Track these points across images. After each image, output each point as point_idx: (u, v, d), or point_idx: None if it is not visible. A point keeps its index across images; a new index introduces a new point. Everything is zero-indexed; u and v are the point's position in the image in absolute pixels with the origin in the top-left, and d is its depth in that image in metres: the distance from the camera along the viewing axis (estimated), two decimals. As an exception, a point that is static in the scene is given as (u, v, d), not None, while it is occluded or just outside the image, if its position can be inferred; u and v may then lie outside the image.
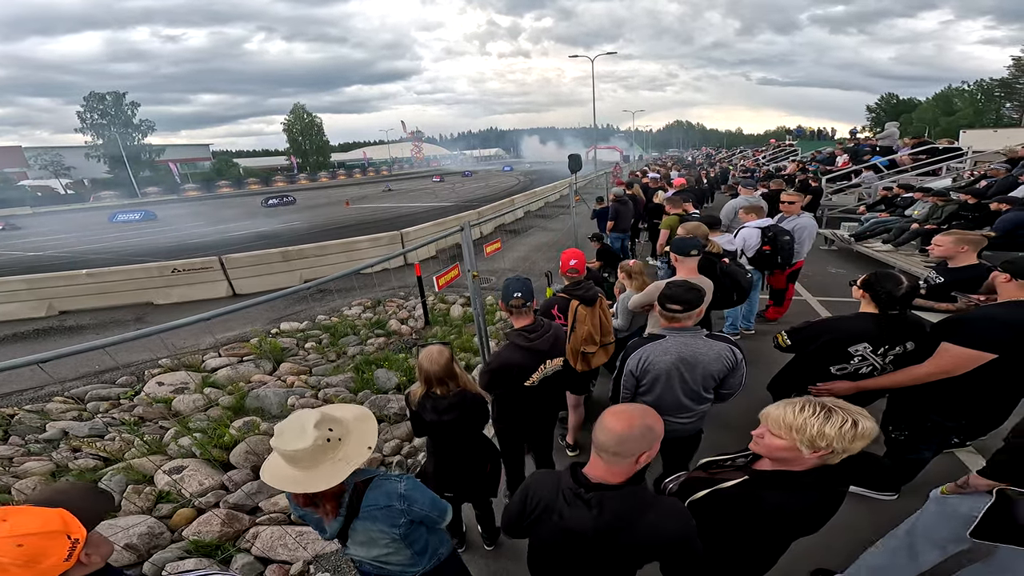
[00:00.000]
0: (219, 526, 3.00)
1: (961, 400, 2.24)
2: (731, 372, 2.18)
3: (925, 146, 12.10)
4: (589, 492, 1.30)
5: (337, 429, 1.37)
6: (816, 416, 1.28)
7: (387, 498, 1.46)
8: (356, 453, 1.37)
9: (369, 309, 7.75)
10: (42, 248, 18.73)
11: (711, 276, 3.31)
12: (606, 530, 1.28)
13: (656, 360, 2.16)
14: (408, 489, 1.50)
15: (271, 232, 17.83)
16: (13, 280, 8.98)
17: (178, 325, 1.95)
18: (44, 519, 0.94)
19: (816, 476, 1.34)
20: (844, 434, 1.25)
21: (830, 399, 1.34)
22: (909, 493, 2.71)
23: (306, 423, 1.33)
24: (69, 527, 0.95)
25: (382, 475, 1.52)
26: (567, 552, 1.37)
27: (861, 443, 1.27)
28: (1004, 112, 48.58)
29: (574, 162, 12.83)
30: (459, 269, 3.93)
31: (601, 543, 1.30)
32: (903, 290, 2.17)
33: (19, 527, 0.90)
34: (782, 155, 21.96)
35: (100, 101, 52.93)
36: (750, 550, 1.50)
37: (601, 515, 1.27)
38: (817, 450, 1.28)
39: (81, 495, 1.05)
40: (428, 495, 1.58)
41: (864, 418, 1.28)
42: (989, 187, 7.43)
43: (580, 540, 1.31)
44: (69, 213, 39.50)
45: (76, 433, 4.32)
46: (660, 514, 1.31)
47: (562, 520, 1.33)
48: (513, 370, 2.34)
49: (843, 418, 1.25)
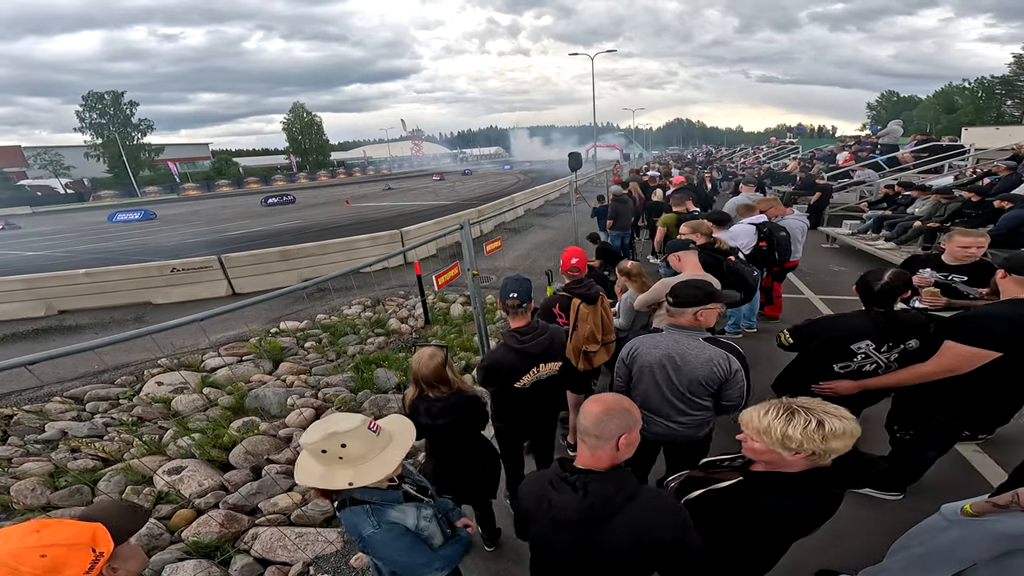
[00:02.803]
0: (218, 527, 2.98)
1: (966, 399, 2.21)
2: (726, 383, 2.03)
3: (930, 143, 12.06)
4: (574, 475, 1.31)
5: (353, 448, 1.36)
6: (779, 419, 1.29)
7: (352, 527, 1.44)
8: (338, 479, 1.36)
9: (369, 308, 7.73)
10: (41, 248, 18.71)
11: (718, 274, 3.28)
12: (592, 515, 1.27)
13: (644, 352, 2.15)
14: (373, 537, 1.41)
15: (270, 231, 17.81)
16: (11, 280, 8.96)
17: (174, 325, 1.92)
18: (75, 531, 0.96)
19: (808, 478, 1.32)
20: (810, 435, 1.24)
21: (800, 399, 1.34)
22: (915, 493, 2.69)
23: (333, 426, 1.36)
24: (96, 540, 0.97)
25: (375, 508, 1.44)
26: (558, 547, 1.35)
27: (838, 442, 1.25)
28: (1005, 109, 48.47)
29: (574, 160, 12.78)
30: (459, 268, 3.91)
31: (589, 530, 1.28)
32: (878, 286, 2.17)
33: (48, 538, 0.93)
34: (783, 153, 21.95)
35: (99, 100, 52.99)
36: (746, 551, 1.48)
37: (586, 496, 1.26)
38: (794, 452, 1.28)
39: (115, 510, 1.07)
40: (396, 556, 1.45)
41: (833, 417, 1.26)
42: (992, 184, 7.40)
43: (568, 528, 1.30)
44: (68, 212, 39.49)
45: (75, 433, 4.30)
46: (648, 502, 1.30)
47: (551, 508, 1.32)
48: (503, 370, 2.30)
49: (806, 419, 1.26)
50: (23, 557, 0.89)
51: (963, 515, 1.77)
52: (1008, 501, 1.65)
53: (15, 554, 0.89)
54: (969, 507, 1.75)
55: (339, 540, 2.87)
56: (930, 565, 1.90)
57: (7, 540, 0.91)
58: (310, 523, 3.08)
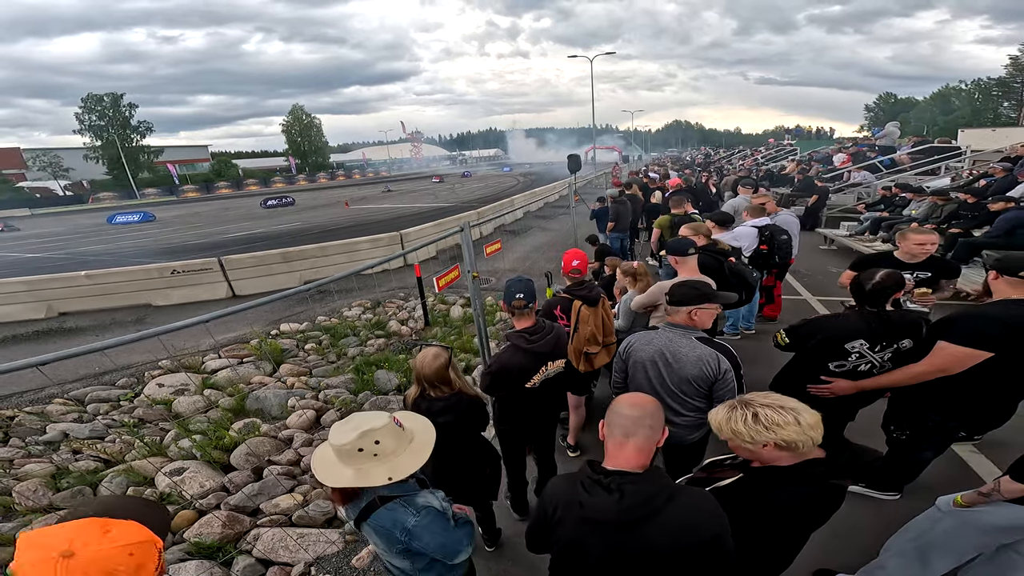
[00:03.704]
0: (220, 528, 2.99)
1: (962, 399, 2.23)
2: (716, 383, 2.04)
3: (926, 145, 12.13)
4: (608, 477, 1.27)
5: (385, 444, 1.39)
6: (724, 416, 1.40)
7: (391, 525, 1.44)
8: (376, 476, 1.38)
9: (369, 310, 7.75)
10: (40, 250, 18.70)
11: (719, 275, 3.29)
12: (631, 516, 1.22)
13: (638, 348, 2.20)
14: (417, 525, 1.44)
15: (270, 233, 17.82)
16: (12, 282, 8.97)
17: (182, 326, 1.94)
18: (138, 528, 0.95)
19: (801, 470, 1.36)
20: (752, 427, 1.33)
21: (750, 395, 1.43)
22: (912, 493, 2.71)
23: (363, 424, 1.39)
24: (154, 537, 0.97)
25: (404, 500, 1.48)
26: (591, 549, 1.30)
27: (786, 432, 1.30)
28: (1002, 111, 48.68)
29: (573, 162, 12.83)
30: (459, 270, 3.93)
31: (626, 532, 1.24)
32: (870, 286, 2.22)
33: (124, 536, 0.92)
34: (781, 155, 22.02)
35: (98, 102, 52.99)
36: (754, 548, 1.50)
37: (623, 499, 1.22)
38: (762, 445, 1.34)
39: (146, 508, 1.06)
40: (438, 538, 1.48)
41: (768, 408, 1.33)
42: (988, 186, 7.44)
43: (604, 530, 1.26)
44: (67, 214, 39.45)
45: (76, 435, 4.32)
46: (690, 502, 1.25)
47: (583, 510, 1.27)
48: (513, 372, 2.32)
49: (742, 412, 1.35)
50: (116, 558, 0.88)
51: (955, 507, 1.85)
52: (991, 489, 1.73)
53: (107, 556, 0.88)
54: (960, 498, 1.84)
55: (340, 540, 2.89)
56: (927, 558, 1.93)
57: (87, 542, 0.88)
58: (312, 524, 3.10)
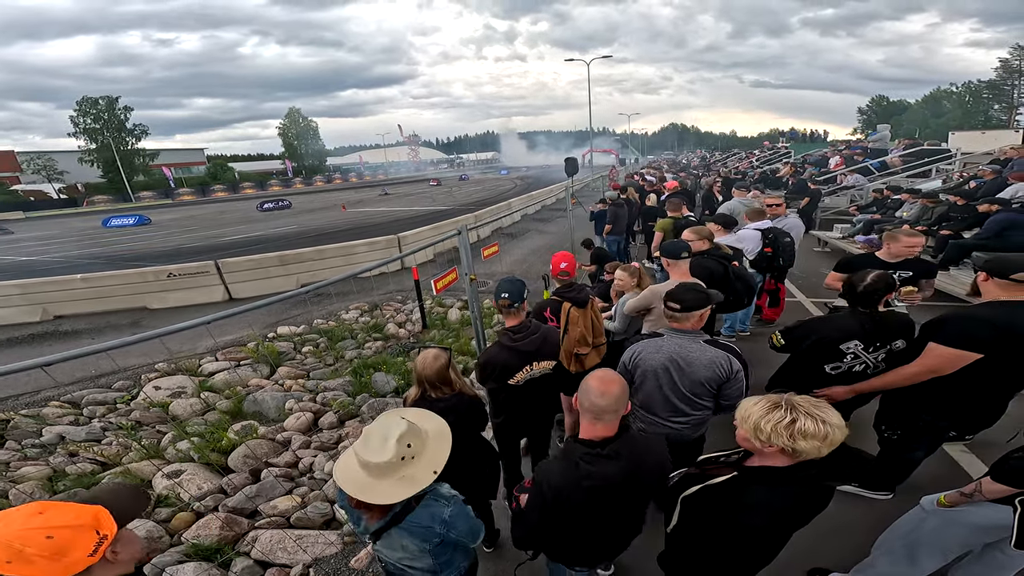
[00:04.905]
0: (218, 530, 3.00)
1: (952, 400, 2.26)
2: (727, 382, 2.11)
3: (917, 147, 12.26)
4: (603, 448, 1.50)
5: (416, 444, 1.42)
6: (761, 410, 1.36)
7: (430, 520, 1.48)
8: (423, 475, 1.40)
9: (367, 313, 7.76)
10: (34, 253, 18.58)
11: (724, 279, 3.29)
12: (629, 473, 1.51)
13: (647, 357, 2.20)
14: (452, 515, 1.52)
15: (266, 236, 17.78)
16: (7, 285, 8.92)
17: (184, 327, 1.96)
18: (78, 513, 0.95)
19: (798, 471, 1.37)
20: (779, 431, 1.29)
21: (800, 398, 1.36)
22: (903, 492, 2.74)
23: (391, 433, 1.38)
24: (100, 522, 0.96)
25: (434, 494, 1.53)
26: (596, 506, 1.54)
27: (805, 443, 1.27)
28: (993, 113, 49.27)
29: (570, 166, 12.88)
30: (457, 272, 3.95)
31: (626, 486, 1.52)
32: (862, 287, 2.26)
33: (52, 520, 0.91)
34: (776, 157, 22.17)
35: (93, 106, 52.75)
36: (742, 544, 1.53)
37: (621, 461, 1.49)
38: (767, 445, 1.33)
39: (118, 493, 1.06)
40: (468, 523, 1.58)
41: (809, 418, 1.28)
42: (978, 188, 7.54)
43: (610, 490, 1.51)
44: (62, 218, 39.21)
45: (73, 438, 4.31)
46: (656, 449, 1.64)
47: (591, 480, 1.48)
48: (497, 367, 2.39)
49: (781, 415, 1.30)
50: (29, 539, 0.87)
51: (938, 506, 1.87)
52: (972, 490, 1.75)
53: (20, 536, 0.87)
54: (943, 498, 1.87)
55: (339, 542, 2.90)
56: (916, 557, 1.96)
57: (10, 522, 0.89)
58: (310, 525, 3.11)
